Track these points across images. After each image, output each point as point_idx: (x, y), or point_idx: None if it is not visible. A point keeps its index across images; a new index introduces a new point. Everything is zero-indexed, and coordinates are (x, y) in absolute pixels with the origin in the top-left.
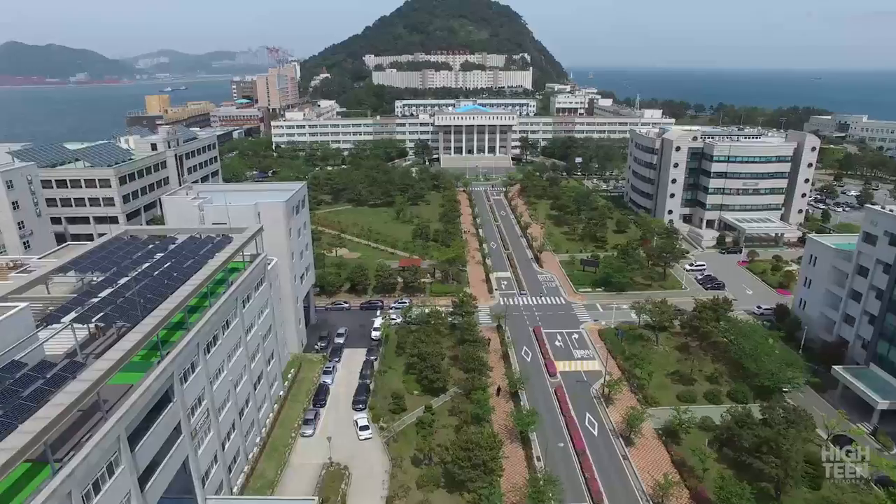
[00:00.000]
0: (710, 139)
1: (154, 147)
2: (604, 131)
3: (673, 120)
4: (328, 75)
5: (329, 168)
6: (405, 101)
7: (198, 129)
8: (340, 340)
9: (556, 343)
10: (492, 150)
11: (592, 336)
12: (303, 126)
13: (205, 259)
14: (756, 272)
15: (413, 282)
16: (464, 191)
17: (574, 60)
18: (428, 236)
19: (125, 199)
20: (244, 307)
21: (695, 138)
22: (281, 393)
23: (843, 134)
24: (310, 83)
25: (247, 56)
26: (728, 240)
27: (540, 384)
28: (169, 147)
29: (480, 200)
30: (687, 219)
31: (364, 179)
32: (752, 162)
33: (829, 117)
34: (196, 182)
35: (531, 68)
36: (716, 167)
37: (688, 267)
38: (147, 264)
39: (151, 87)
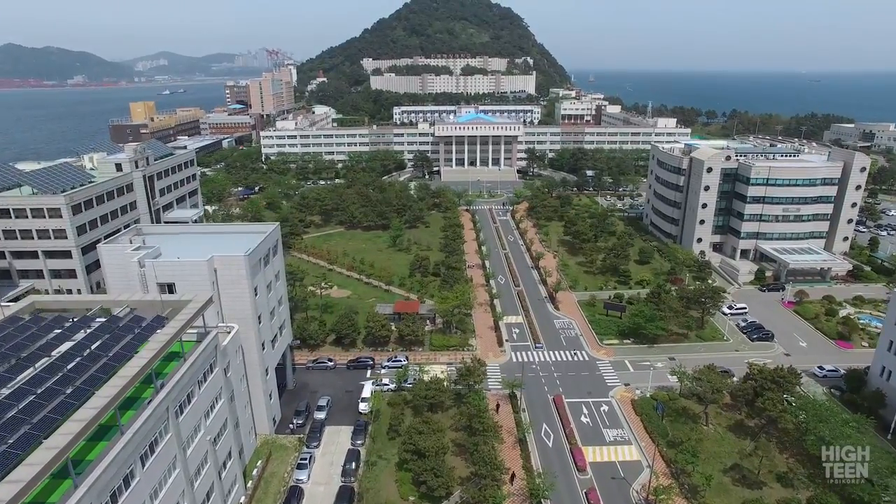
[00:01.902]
0: (744, 157)
1: (119, 167)
2: (615, 142)
3: (688, 130)
4: (325, 79)
5: (322, 182)
6: (403, 108)
7: (185, 137)
8: (321, 415)
9: (583, 419)
10: (496, 161)
11: (625, 408)
12: (294, 136)
13: (121, 357)
14: (807, 317)
15: (410, 334)
16: (467, 210)
17: (573, 63)
18: (427, 269)
19: (80, 230)
20: (181, 415)
21: (728, 158)
22: (242, 500)
23: (868, 144)
24: (306, 87)
25: (246, 58)
26: (767, 274)
27: (567, 484)
28: (137, 167)
29: (485, 222)
30: (717, 247)
31: (357, 199)
32: (795, 185)
33: (852, 125)
34: (170, 206)
35: (534, 72)
36: (752, 191)
37: (727, 310)
38: (34, 370)
39: (149, 89)
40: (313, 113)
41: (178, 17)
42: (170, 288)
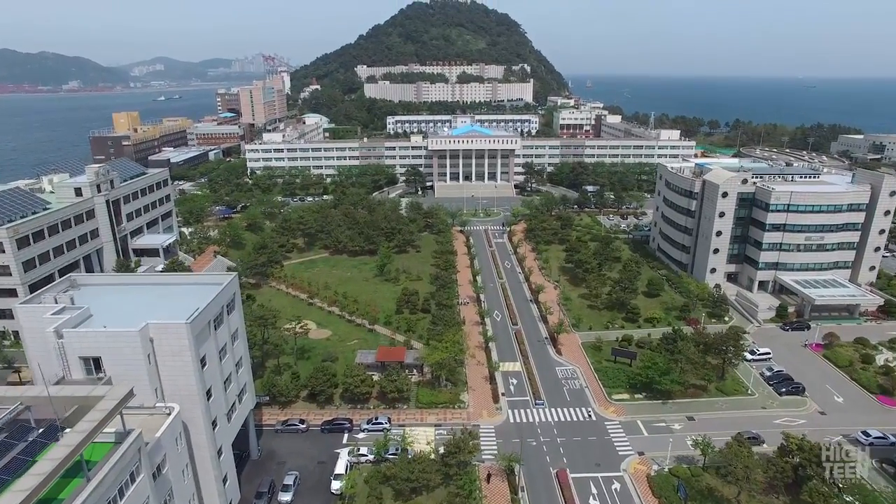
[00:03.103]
0: (760, 178)
1: (78, 192)
2: (616, 155)
3: (693, 143)
4: (318, 87)
5: (309, 198)
6: (397, 117)
7: (170, 149)
8: (287, 497)
9: (592, 502)
10: (492, 176)
11: (640, 486)
12: (280, 150)
13: None
14: (839, 364)
15: (393, 390)
16: (461, 231)
17: (569, 68)
18: (416, 305)
19: (27, 265)
20: None
21: (745, 181)
22: None
23: (878, 156)
24: (300, 94)
25: (243, 63)
26: (790, 310)
27: None
28: (99, 191)
29: (480, 246)
30: (732, 277)
31: (343, 221)
32: (819, 212)
33: (861, 137)
34: (140, 231)
35: (531, 80)
36: (772, 218)
37: (749, 356)
38: None
39: (145, 95)
40: (303, 123)
41: (175, 21)
42: (96, 363)
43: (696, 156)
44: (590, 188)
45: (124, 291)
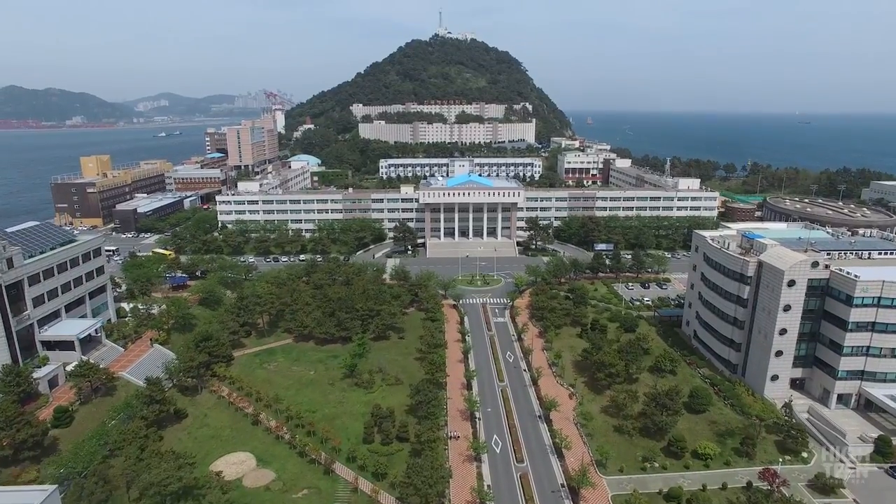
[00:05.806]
0: (829, 257)
1: None
2: (631, 207)
3: (716, 194)
4: (312, 126)
5: (284, 259)
6: (391, 161)
7: (144, 195)
8: None
9: None
10: (492, 232)
11: None
12: (255, 202)
13: None
14: None
15: None
16: (454, 306)
17: (567, 104)
18: (389, 434)
19: None
20: None
21: (815, 264)
22: None
23: None
24: (294, 133)
25: (246, 99)
26: (894, 441)
27: None
28: None
29: (477, 328)
30: (798, 384)
31: (312, 299)
32: None
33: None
34: (57, 315)
35: (533, 119)
36: (857, 315)
37: None
38: None
39: (146, 130)
40: (288, 167)
41: (181, 60)
42: None
43: (718, 208)
44: (602, 246)
45: None
